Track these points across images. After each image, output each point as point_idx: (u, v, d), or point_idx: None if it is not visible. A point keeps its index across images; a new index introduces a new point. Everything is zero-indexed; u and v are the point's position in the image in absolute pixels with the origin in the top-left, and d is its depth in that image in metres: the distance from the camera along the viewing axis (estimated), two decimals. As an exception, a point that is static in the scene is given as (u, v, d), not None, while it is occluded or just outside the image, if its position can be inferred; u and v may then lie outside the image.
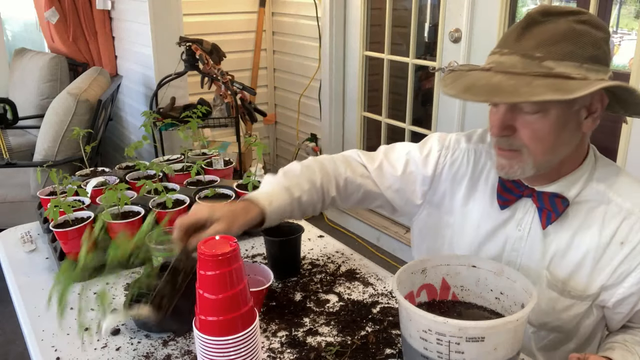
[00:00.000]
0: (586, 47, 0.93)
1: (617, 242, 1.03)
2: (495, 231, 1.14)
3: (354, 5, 3.24)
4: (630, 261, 1.02)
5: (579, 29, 0.94)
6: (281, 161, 4.09)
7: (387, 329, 1.16)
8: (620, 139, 2.13)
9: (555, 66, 0.92)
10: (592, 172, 1.07)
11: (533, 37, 0.95)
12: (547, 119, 0.96)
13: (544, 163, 1.01)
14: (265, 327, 1.17)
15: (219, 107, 3.04)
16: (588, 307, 1.08)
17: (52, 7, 3.46)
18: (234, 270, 0.87)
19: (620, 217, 1.03)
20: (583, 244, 1.05)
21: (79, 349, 1.11)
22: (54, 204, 1.35)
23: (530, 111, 0.96)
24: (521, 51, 0.95)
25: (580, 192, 1.06)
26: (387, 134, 3.33)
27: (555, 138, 0.98)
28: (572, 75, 0.92)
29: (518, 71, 0.94)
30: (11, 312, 1.36)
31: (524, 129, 0.98)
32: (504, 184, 1.10)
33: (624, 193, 1.04)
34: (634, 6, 2.47)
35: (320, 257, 1.48)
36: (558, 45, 0.93)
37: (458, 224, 1.20)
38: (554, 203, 1.05)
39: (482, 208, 1.15)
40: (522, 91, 0.90)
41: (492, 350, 0.87)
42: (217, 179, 1.69)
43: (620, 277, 1.03)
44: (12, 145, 3.20)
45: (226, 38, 3.53)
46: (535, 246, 1.09)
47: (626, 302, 1.05)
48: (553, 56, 0.93)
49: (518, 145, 0.99)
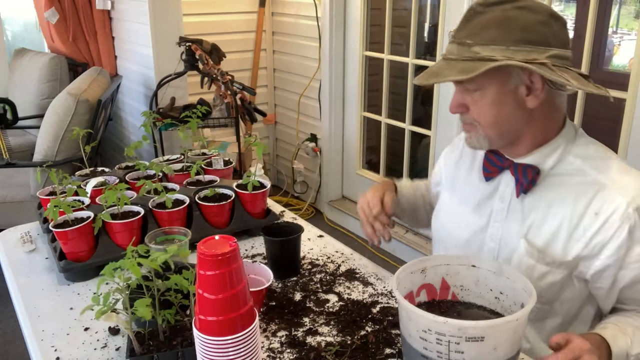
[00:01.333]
0: (514, 31, 1.01)
1: (592, 213, 1.07)
2: (483, 204, 1.22)
3: (354, 5, 3.24)
4: (604, 232, 1.05)
5: (510, 15, 1.02)
6: (281, 161, 4.09)
7: (386, 329, 1.16)
8: (620, 139, 2.13)
9: (481, 50, 1.02)
10: (570, 146, 1.13)
11: (470, 27, 1.05)
12: (486, 97, 1.07)
13: (494, 136, 1.11)
14: (265, 327, 1.17)
15: (218, 107, 3.04)
16: (565, 276, 1.11)
17: (52, 7, 3.46)
18: (233, 270, 0.87)
19: (595, 189, 1.07)
20: (559, 214, 1.10)
21: (79, 349, 1.11)
22: (54, 204, 1.34)
23: (472, 89, 1.07)
24: (458, 39, 1.06)
25: (556, 165, 1.12)
26: (387, 134, 3.33)
27: (497, 113, 1.08)
28: (495, 57, 1.00)
29: (453, 57, 1.05)
30: (11, 312, 1.36)
31: (472, 106, 1.10)
32: (487, 156, 1.19)
33: (601, 168, 1.09)
34: (634, 6, 2.47)
35: (320, 257, 1.48)
36: (486, 32, 1.02)
37: (456, 198, 1.30)
38: (526, 172, 1.12)
39: (475, 183, 1.25)
40: (442, 74, 1.04)
41: (491, 350, 0.87)
42: (217, 179, 1.70)
43: (596, 249, 1.06)
44: (12, 146, 3.20)
45: (226, 38, 3.53)
46: (515, 217, 1.16)
47: (605, 275, 1.08)
48: (479, 42, 1.02)
49: (470, 120, 1.12)
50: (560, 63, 1.02)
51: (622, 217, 1.04)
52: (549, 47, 1.02)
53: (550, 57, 1.01)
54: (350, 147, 3.54)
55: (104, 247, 1.39)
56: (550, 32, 1.02)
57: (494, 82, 1.04)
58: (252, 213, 1.58)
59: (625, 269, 1.06)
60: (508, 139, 1.13)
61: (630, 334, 1.06)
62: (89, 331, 1.16)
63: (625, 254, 1.05)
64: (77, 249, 1.36)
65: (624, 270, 1.06)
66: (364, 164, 3.55)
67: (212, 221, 1.54)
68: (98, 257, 1.37)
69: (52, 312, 1.24)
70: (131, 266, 0.95)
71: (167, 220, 1.47)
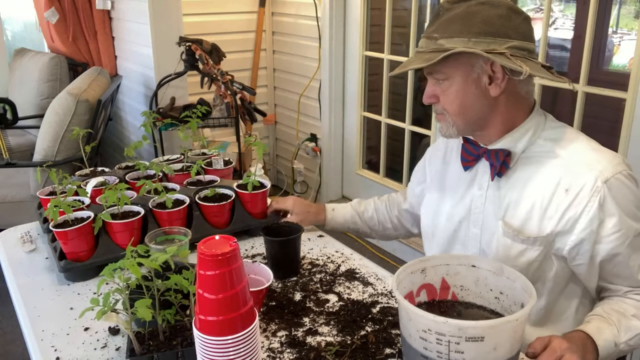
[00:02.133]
0: (475, 24, 1.07)
1: (562, 190, 1.11)
2: (465, 193, 1.27)
3: (354, 5, 3.24)
4: (575, 207, 1.09)
5: (472, 10, 1.09)
6: (281, 161, 4.09)
7: (386, 329, 1.16)
8: (620, 139, 2.13)
9: (445, 43, 1.09)
10: (540, 131, 1.18)
11: (437, 23, 1.12)
12: (452, 86, 1.13)
13: (462, 124, 1.17)
14: (265, 327, 1.17)
15: (218, 107, 3.04)
16: (541, 253, 1.14)
17: (51, 7, 3.46)
18: (233, 270, 0.87)
19: (565, 167, 1.12)
20: (532, 194, 1.15)
21: (79, 349, 1.11)
22: (54, 203, 1.34)
23: (441, 80, 1.14)
24: (427, 34, 1.14)
25: (527, 148, 1.17)
26: (387, 133, 3.33)
27: (462, 102, 1.14)
28: (456, 48, 1.07)
29: (422, 50, 1.13)
30: (11, 312, 1.36)
31: (441, 96, 1.16)
32: (464, 145, 1.25)
33: (570, 148, 1.14)
34: (634, 6, 2.47)
35: (320, 257, 1.48)
36: (450, 26, 1.10)
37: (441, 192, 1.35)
38: (498, 156, 1.17)
39: (458, 174, 1.29)
40: (410, 64, 1.14)
41: (491, 349, 0.87)
42: (217, 179, 1.70)
43: (569, 223, 1.10)
44: (11, 145, 3.20)
45: (226, 38, 3.53)
46: (492, 201, 1.21)
47: (582, 250, 1.10)
48: (444, 35, 1.10)
49: (440, 109, 1.18)
50: (520, 54, 1.08)
51: (591, 190, 1.08)
52: (509, 39, 1.08)
53: (510, 47, 1.07)
54: (350, 147, 3.54)
55: (104, 247, 1.39)
56: (510, 24, 1.08)
57: (459, 72, 1.12)
58: (253, 213, 1.58)
59: (601, 242, 1.09)
60: (475, 126, 1.18)
61: (615, 322, 1.08)
62: (89, 331, 1.16)
63: (598, 227, 1.08)
64: (77, 248, 1.36)
65: (600, 244, 1.09)
66: (364, 164, 3.55)
67: (212, 221, 1.54)
68: (98, 257, 1.37)
69: (52, 312, 1.24)
70: (131, 266, 0.95)
71: (167, 220, 1.47)
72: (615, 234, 1.08)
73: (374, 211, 1.60)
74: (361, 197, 1.72)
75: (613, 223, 1.07)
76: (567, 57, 3.34)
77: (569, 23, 3.28)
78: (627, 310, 1.11)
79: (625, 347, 1.08)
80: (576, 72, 2.23)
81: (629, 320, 1.09)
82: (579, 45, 2.24)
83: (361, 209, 1.61)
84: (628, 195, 1.09)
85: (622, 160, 1.12)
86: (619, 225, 1.07)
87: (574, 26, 3.23)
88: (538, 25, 2.47)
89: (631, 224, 1.09)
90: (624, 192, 1.08)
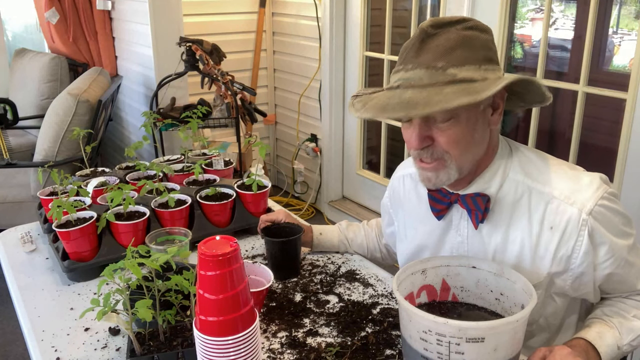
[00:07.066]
0: (479, 50, 0.99)
1: (548, 228, 1.06)
2: (441, 241, 1.19)
3: (354, 6, 3.24)
4: (565, 244, 1.05)
5: (468, 35, 0.99)
6: (281, 161, 4.09)
7: (387, 330, 1.16)
8: (620, 140, 2.13)
9: (457, 72, 0.96)
10: (508, 164, 1.10)
11: (431, 50, 0.98)
12: (459, 122, 1.00)
13: (465, 164, 1.05)
14: (266, 328, 1.17)
15: (219, 107, 3.04)
16: (541, 295, 1.10)
17: (52, 8, 3.46)
18: (234, 271, 0.87)
19: (544, 203, 1.06)
20: (518, 237, 1.09)
21: (79, 349, 1.11)
22: (57, 204, 1.34)
23: (443, 119, 1.00)
24: (424, 64, 0.97)
25: (501, 187, 1.09)
26: (387, 134, 3.33)
27: (470, 138, 1.03)
28: (474, 77, 0.97)
29: (425, 83, 0.97)
30: (11, 312, 1.36)
31: (440, 137, 1.01)
32: (431, 195, 1.15)
33: (543, 180, 1.07)
34: (634, 6, 2.46)
35: (320, 258, 1.48)
36: (455, 53, 0.97)
37: (413, 242, 1.27)
38: (477, 202, 1.08)
39: (426, 223, 1.21)
40: (436, 100, 0.93)
41: (492, 351, 0.87)
42: (217, 178, 1.70)
43: (563, 262, 1.06)
44: (12, 146, 3.20)
45: (226, 38, 3.53)
46: (476, 247, 1.14)
47: (584, 283, 1.08)
48: (454, 63, 0.97)
49: (439, 153, 1.03)
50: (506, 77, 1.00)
51: (578, 225, 1.03)
52: (499, 65, 1.03)
53: (502, 74, 1.02)
54: (351, 148, 3.54)
55: (107, 247, 1.39)
56: (497, 50, 1.04)
57: (470, 105, 0.96)
58: (253, 213, 1.58)
59: (596, 269, 1.07)
60: (475, 165, 1.08)
61: (616, 325, 1.08)
62: (89, 331, 1.16)
63: (593, 257, 1.05)
64: (80, 248, 1.36)
65: (596, 271, 1.07)
66: (364, 164, 3.55)
67: (214, 220, 1.54)
68: (101, 257, 1.38)
69: (53, 313, 1.24)
70: (132, 267, 0.95)
71: (169, 219, 1.47)
72: (609, 260, 1.05)
73: (364, 238, 1.51)
74: (361, 197, 1.71)
75: (605, 250, 1.05)
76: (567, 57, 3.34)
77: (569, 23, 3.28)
78: (627, 310, 1.11)
79: (628, 349, 1.08)
80: (576, 72, 2.23)
81: (629, 322, 1.09)
82: (579, 45, 2.24)
83: (350, 236, 1.51)
84: (613, 219, 1.05)
85: (599, 182, 1.05)
86: (612, 251, 1.05)
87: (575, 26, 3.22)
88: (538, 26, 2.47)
89: (622, 244, 1.06)
90: (609, 218, 1.05)
